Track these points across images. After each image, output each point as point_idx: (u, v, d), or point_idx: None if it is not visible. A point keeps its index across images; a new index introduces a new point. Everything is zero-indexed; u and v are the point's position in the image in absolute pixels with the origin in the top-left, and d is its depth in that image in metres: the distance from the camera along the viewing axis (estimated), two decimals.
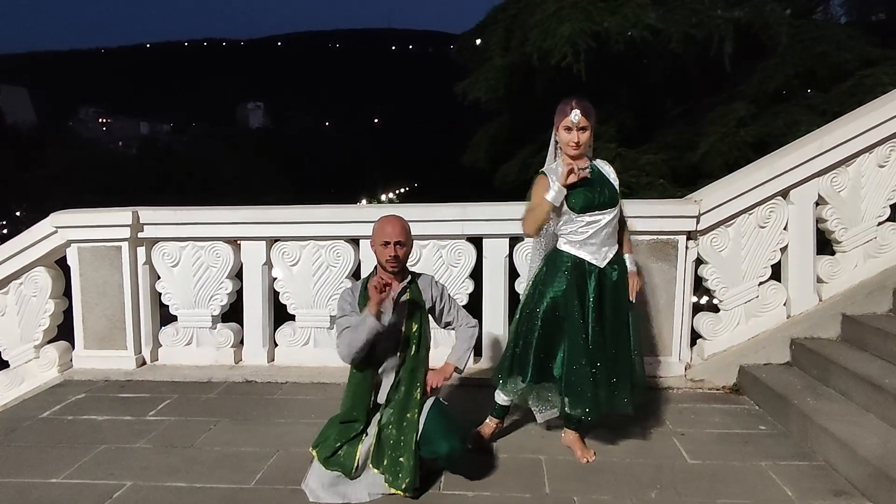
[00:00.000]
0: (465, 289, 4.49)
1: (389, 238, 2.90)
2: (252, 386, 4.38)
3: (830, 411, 3.38)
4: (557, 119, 3.04)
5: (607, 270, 3.09)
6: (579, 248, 3.07)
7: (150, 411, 3.95)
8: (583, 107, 2.98)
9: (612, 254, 3.12)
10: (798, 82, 9.06)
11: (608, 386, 3.07)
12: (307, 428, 3.64)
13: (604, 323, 3.08)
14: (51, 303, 4.72)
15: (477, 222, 4.35)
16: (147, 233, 4.59)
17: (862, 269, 4.25)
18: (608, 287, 3.09)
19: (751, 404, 3.92)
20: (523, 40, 9.36)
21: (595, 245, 3.07)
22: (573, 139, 2.98)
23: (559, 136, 3.06)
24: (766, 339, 4.21)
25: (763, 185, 4.14)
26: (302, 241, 4.51)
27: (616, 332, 3.10)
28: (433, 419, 2.96)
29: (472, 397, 3.86)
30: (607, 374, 3.06)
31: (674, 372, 4.24)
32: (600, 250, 3.08)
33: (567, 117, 2.98)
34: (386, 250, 2.91)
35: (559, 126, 3.03)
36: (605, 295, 3.08)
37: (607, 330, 3.08)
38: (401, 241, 2.92)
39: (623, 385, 3.10)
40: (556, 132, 3.07)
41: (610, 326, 3.08)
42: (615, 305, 3.10)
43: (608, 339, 3.08)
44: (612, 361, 3.08)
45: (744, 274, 4.24)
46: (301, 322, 4.60)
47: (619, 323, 3.12)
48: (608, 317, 3.08)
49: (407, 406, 2.96)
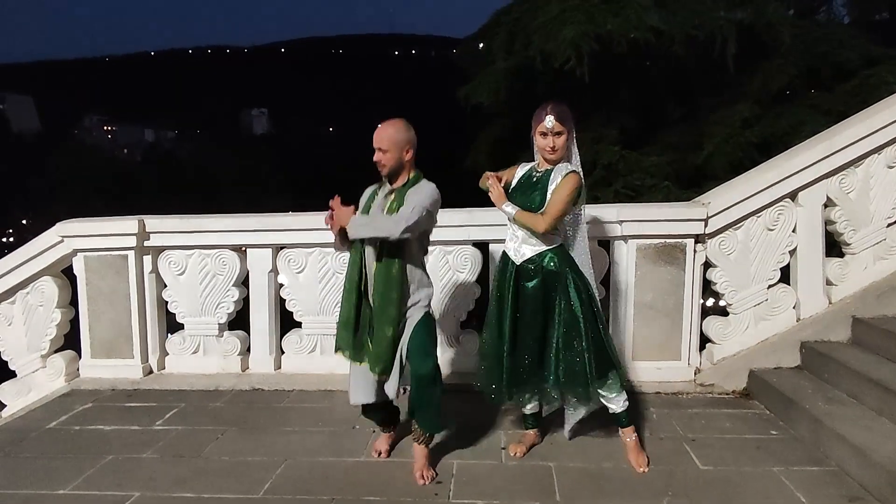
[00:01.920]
0: (473, 294, 4.48)
1: (374, 144, 3.06)
2: (259, 394, 4.37)
3: (842, 415, 3.35)
4: (534, 124, 3.10)
5: (524, 267, 3.15)
6: (507, 243, 3.24)
7: (157, 421, 3.94)
8: (557, 112, 3.01)
9: (530, 252, 3.14)
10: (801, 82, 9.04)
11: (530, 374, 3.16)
12: (315, 436, 3.64)
13: (520, 320, 3.15)
14: (57, 312, 4.72)
15: (483, 227, 4.33)
16: (153, 241, 4.58)
17: (872, 271, 4.21)
18: (526, 286, 3.14)
19: (761, 409, 3.88)
20: (526, 43, 9.38)
21: (516, 242, 3.18)
22: (548, 144, 3.04)
23: (535, 141, 3.12)
24: (776, 342, 4.17)
25: (771, 188, 4.11)
26: (308, 248, 4.50)
27: (532, 331, 3.13)
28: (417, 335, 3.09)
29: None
30: (519, 373, 3.16)
31: (683, 377, 4.21)
32: (521, 248, 3.16)
33: (542, 123, 3.04)
34: (375, 156, 3.08)
35: (535, 131, 3.09)
36: (521, 294, 3.15)
37: (522, 328, 3.15)
38: (381, 147, 3.04)
39: (551, 384, 3.15)
40: (533, 137, 3.13)
41: (526, 324, 3.14)
42: (533, 305, 3.13)
43: (525, 336, 3.14)
44: (541, 353, 3.15)
45: (753, 277, 4.21)
46: (307, 329, 4.59)
47: (535, 323, 3.13)
48: (523, 315, 3.15)
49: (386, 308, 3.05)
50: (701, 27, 8.51)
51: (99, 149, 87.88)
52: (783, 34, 8.34)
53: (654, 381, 4.20)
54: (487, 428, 3.66)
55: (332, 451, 3.44)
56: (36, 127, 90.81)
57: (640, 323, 4.23)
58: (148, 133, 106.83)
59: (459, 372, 4.42)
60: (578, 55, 8.29)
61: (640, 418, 3.75)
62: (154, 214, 4.70)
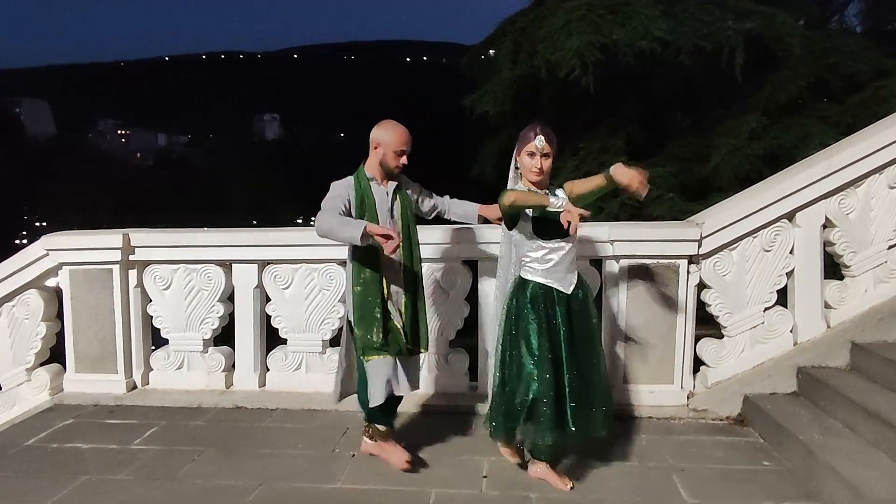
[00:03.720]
0: (462, 313, 4.38)
1: (404, 146, 3.27)
2: (242, 412, 4.29)
3: (837, 447, 3.21)
4: (520, 144, 3.03)
5: (574, 295, 3.08)
6: (546, 276, 3.05)
7: (135, 439, 3.87)
8: (546, 133, 2.98)
9: (576, 279, 3.12)
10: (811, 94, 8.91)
11: (582, 411, 2.99)
12: (293, 460, 3.55)
13: (576, 349, 3.03)
14: (42, 325, 4.67)
15: (470, 245, 4.23)
16: (138, 255, 4.52)
17: (872, 295, 4.07)
18: (576, 312, 3.06)
19: (755, 436, 3.75)
20: (532, 53, 9.30)
21: (561, 272, 3.05)
22: (536, 165, 2.99)
23: (521, 161, 3.05)
24: (772, 367, 4.04)
25: (768, 208, 3.98)
26: (294, 263, 4.42)
27: (588, 356, 3.07)
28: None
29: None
30: (581, 401, 2.99)
31: (675, 401, 4.08)
32: (566, 277, 3.07)
33: (531, 142, 2.98)
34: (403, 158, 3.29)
35: (522, 151, 3.03)
36: (574, 321, 3.05)
37: (580, 355, 3.03)
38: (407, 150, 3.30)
39: (598, 409, 3.05)
40: (518, 157, 3.06)
41: (582, 352, 3.05)
42: (585, 330, 3.09)
43: (581, 364, 3.03)
44: (586, 386, 3.03)
45: (748, 299, 4.08)
46: (293, 346, 4.50)
47: (591, 347, 3.09)
48: (579, 342, 3.04)
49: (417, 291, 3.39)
50: (708, 37, 8.40)
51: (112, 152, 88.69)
52: (792, 45, 8.21)
53: (646, 405, 4.08)
54: (469, 454, 3.56)
55: (309, 477, 3.35)
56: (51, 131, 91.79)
57: (632, 345, 4.11)
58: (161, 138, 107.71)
59: (448, 393, 4.33)
60: (583, 65, 8.21)
61: (630, 445, 3.64)
62: (164, 218, 4.67)
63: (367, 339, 3.21)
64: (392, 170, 3.28)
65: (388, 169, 3.28)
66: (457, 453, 3.58)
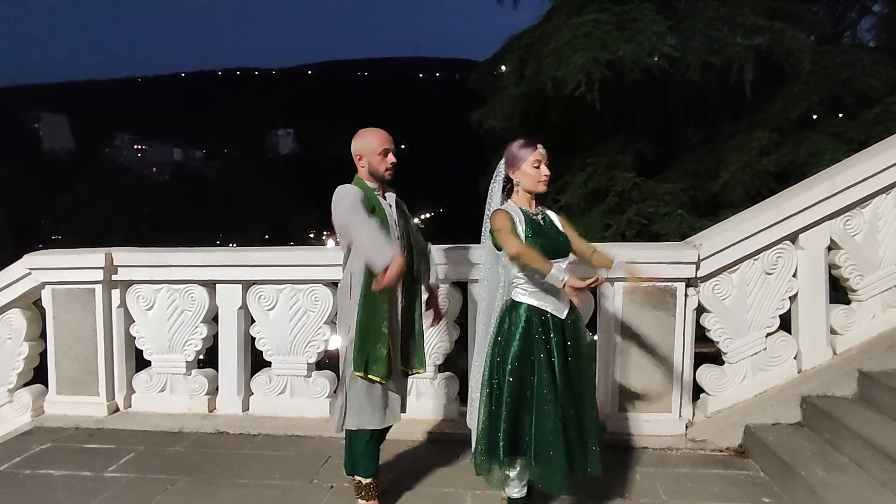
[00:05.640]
0: (452, 336, 4.23)
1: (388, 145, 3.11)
2: (223, 438, 4.15)
3: (841, 485, 3.02)
4: (522, 157, 2.82)
5: (568, 321, 2.83)
6: (540, 298, 2.80)
7: (110, 466, 3.74)
8: (540, 141, 2.86)
9: (569, 303, 2.85)
10: (822, 109, 8.75)
11: (580, 450, 2.74)
12: (268, 491, 3.41)
13: (570, 379, 2.77)
14: (25, 345, 4.58)
15: (461, 266, 4.09)
16: (121, 275, 4.42)
17: (880, 321, 3.88)
18: (571, 339, 2.82)
19: (756, 470, 3.55)
20: (538, 69, 9.22)
21: (555, 294, 2.79)
22: (544, 172, 2.83)
23: (525, 174, 2.83)
24: (775, 395, 3.84)
25: (769, 229, 3.81)
26: (279, 284, 4.29)
27: (582, 388, 2.81)
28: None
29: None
30: (578, 437, 2.74)
31: (673, 430, 3.90)
32: (562, 299, 2.81)
33: (535, 152, 2.81)
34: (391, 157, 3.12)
35: (522, 164, 2.82)
36: (569, 348, 2.80)
37: (574, 386, 2.78)
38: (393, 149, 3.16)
39: (593, 445, 2.78)
40: (517, 171, 2.84)
41: (576, 382, 2.79)
42: (579, 359, 2.82)
43: (576, 396, 2.78)
44: (581, 421, 2.77)
45: (750, 324, 3.90)
46: (277, 369, 4.37)
47: (585, 377, 2.84)
48: (573, 372, 2.79)
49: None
50: (717, 53, 8.27)
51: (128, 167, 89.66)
52: (803, 60, 8.06)
53: (642, 435, 3.90)
54: (454, 486, 3.39)
55: None
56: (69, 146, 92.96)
57: (627, 371, 3.94)
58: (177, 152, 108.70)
59: (436, 420, 4.17)
60: (589, 82, 8.15)
61: (621, 477, 3.46)
62: (180, 231, 4.58)
63: (368, 359, 3.00)
64: (383, 174, 3.09)
65: (380, 175, 3.09)
66: (440, 485, 3.42)
